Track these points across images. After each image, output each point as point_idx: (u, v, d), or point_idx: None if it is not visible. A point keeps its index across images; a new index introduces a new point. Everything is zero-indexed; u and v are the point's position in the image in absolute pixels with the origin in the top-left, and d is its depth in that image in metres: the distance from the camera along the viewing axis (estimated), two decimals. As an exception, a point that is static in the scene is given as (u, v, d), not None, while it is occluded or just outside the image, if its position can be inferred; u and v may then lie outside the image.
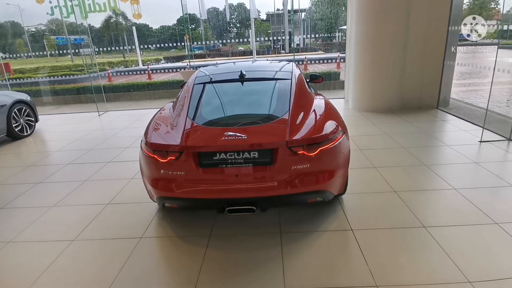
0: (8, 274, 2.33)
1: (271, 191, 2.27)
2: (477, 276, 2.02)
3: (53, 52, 30.37)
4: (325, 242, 2.46)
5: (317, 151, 2.28)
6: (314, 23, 36.21)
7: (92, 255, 2.48)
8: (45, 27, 44.26)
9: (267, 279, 2.11)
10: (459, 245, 2.32)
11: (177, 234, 2.67)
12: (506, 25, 4.83)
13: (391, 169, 3.67)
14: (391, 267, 2.14)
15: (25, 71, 18.33)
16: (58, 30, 41.24)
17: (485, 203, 2.84)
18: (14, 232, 2.85)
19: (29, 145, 5.68)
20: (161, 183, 2.38)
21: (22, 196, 3.57)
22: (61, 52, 30.05)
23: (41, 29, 43.81)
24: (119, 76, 18.32)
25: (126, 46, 34.52)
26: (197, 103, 2.70)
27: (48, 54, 27.53)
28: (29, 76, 14.61)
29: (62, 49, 27.99)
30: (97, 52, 18.29)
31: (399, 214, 2.76)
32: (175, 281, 2.17)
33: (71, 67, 21.45)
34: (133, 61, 26.00)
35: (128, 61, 26.32)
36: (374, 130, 5.15)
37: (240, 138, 2.21)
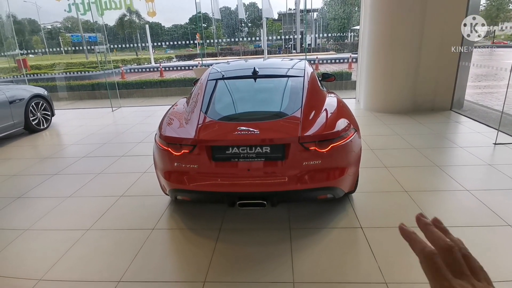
0: (25, 260, 2.42)
1: (282, 186, 2.29)
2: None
3: (68, 49, 31.07)
4: (334, 238, 2.47)
5: (329, 148, 2.29)
6: (326, 23, 36.00)
7: (106, 244, 2.55)
8: (60, 24, 45.28)
9: (276, 273, 2.13)
10: (470, 246, 2.28)
11: (188, 226, 2.72)
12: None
13: (402, 169, 3.65)
14: (400, 265, 2.14)
15: (41, 67, 18.79)
16: (74, 27, 42.14)
17: (499, 205, 2.80)
18: (31, 220, 2.95)
19: (45, 138, 5.83)
20: (174, 175, 2.43)
21: (39, 187, 3.68)
22: (76, 49, 30.68)
23: (56, 27, 44.82)
24: (132, 73, 18.59)
25: (139, 44, 35.01)
26: (211, 98, 2.74)
27: (63, 51, 28.19)
28: (45, 72, 15.00)
29: (76, 46, 28.57)
30: (110, 50, 18.51)
31: (409, 214, 2.74)
32: (186, 272, 2.21)
33: (85, 64, 21.89)
34: (145, 59, 26.35)
35: (140, 59, 26.69)
36: (385, 130, 5.11)
37: (252, 133, 2.24)
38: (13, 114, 5.55)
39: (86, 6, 7.26)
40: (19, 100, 5.70)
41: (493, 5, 38.30)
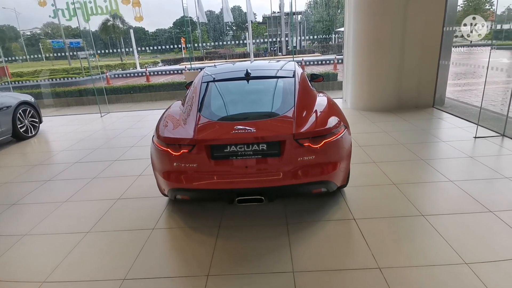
0: (26, 264, 2.43)
1: (279, 182, 2.40)
2: (473, 258, 2.16)
3: (49, 55, 30.58)
4: (329, 230, 2.59)
5: (322, 144, 2.42)
6: (310, 25, 36.55)
7: (108, 245, 2.59)
8: (40, 30, 44.33)
9: (276, 264, 2.23)
10: (456, 231, 2.46)
11: (188, 225, 2.79)
12: (499, 25, 5.01)
13: (389, 163, 3.82)
14: (392, 251, 2.28)
15: (23, 75, 18.39)
16: (54, 33, 41.34)
17: (480, 193, 2.99)
18: (28, 225, 2.95)
19: (34, 145, 5.76)
20: (173, 175, 2.50)
21: (33, 193, 3.67)
22: (57, 55, 30.05)
23: (36, 33, 43.84)
24: (118, 78, 18.40)
25: (123, 49, 34.63)
26: (207, 100, 2.83)
27: (44, 58, 27.71)
28: (27, 79, 14.71)
29: (57, 52, 28.05)
30: (92, 55, 18.40)
31: (398, 204, 2.90)
32: (190, 267, 2.28)
33: (69, 70, 21.53)
34: (130, 64, 26.10)
35: (125, 64, 26.42)
36: (372, 128, 5.30)
37: (249, 131, 2.35)
38: (1, 121, 5.47)
39: (72, 12, 7.21)
40: (6, 108, 5.62)
41: (470, 5, 39.71)
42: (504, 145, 4.23)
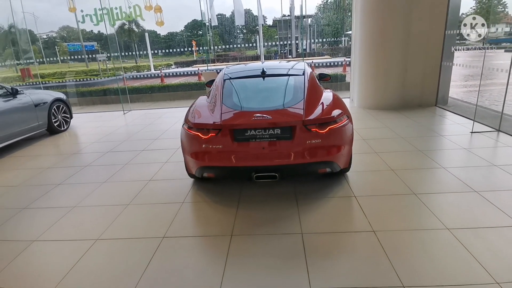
0: (75, 231, 2.95)
1: (290, 161, 2.86)
2: (456, 225, 2.58)
3: (65, 58, 31.80)
4: (333, 204, 3.04)
5: (327, 129, 2.88)
6: (320, 28, 36.92)
7: (146, 214, 3.09)
8: (56, 34, 45.97)
9: (287, 228, 2.69)
10: (442, 205, 2.89)
11: (212, 200, 3.28)
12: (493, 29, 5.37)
13: (390, 154, 4.24)
14: (385, 220, 2.71)
15: (44, 76, 19.35)
16: (69, 37, 42.88)
17: (468, 177, 3.40)
18: (78, 198, 3.49)
19: (68, 138, 6.37)
20: (202, 155, 2.99)
21: (76, 175, 4.22)
22: (72, 58, 31.14)
23: (52, 36, 45.50)
24: (133, 79, 19.16)
25: (137, 52, 35.71)
26: (229, 93, 3.32)
27: (60, 60, 28.82)
28: (48, 80, 15.59)
29: (73, 55, 29.16)
30: (108, 58, 19.14)
31: (394, 185, 3.33)
32: (216, 230, 2.76)
33: (87, 72, 22.49)
34: (145, 66, 27.01)
35: (140, 66, 27.34)
36: (376, 124, 5.72)
37: (266, 118, 2.83)
38: (39, 116, 6.09)
39: (99, 17, 7.85)
40: (43, 103, 6.24)
41: (483, 7, 39.38)
42: (499, 139, 4.59)
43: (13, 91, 5.78)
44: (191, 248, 2.54)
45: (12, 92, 5.76)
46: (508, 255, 2.20)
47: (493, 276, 2.01)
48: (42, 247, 2.68)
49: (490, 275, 2.02)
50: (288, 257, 2.33)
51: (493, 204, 2.84)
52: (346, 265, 2.22)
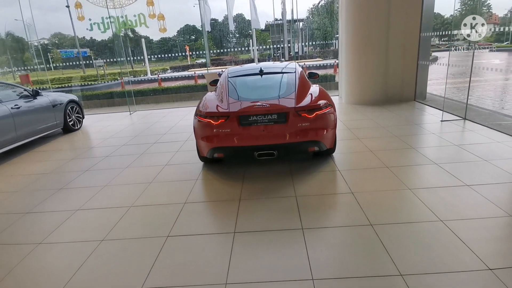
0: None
1: (285, 140, 3.56)
2: (415, 186, 3.29)
3: (58, 65, 32.19)
4: (320, 176, 3.74)
5: (314, 115, 3.58)
6: (312, 32, 37.93)
7: (168, 189, 3.75)
8: (48, 41, 46.36)
9: (283, 193, 3.38)
10: (409, 174, 3.61)
11: (221, 177, 3.96)
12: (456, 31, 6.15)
13: (370, 139, 4.96)
14: (362, 185, 3.42)
15: (43, 82, 19.86)
16: (61, 43, 43.35)
17: (431, 153, 4.13)
18: (107, 179, 4.13)
19: (82, 135, 6.99)
20: (213, 138, 3.67)
21: (100, 163, 4.85)
22: (66, 65, 31.45)
23: (44, 43, 45.87)
24: (134, 84, 19.73)
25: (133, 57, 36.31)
26: (233, 88, 4.01)
27: (52, 67, 29.25)
28: (49, 86, 16.19)
29: (66, 62, 29.61)
30: (99, 64, 19.71)
31: (371, 161, 4.05)
32: (227, 196, 3.43)
33: (85, 77, 23.04)
34: (142, 71, 27.62)
35: (137, 71, 27.95)
36: (361, 116, 6.46)
37: (265, 106, 3.52)
38: (56, 115, 6.71)
39: (106, 25, 8.51)
40: (59, 104, 6.86)
41: (468, 9, 40.65)
42: (465, 126, 5.35)
43: (33, 93, 6.39)
44: (208, 209, 3.22)
45: (32, 94, 6.37)
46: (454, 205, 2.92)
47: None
48: (85, 214, 3.33)
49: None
50: (286, 211, 3.01)
51: (449, 172, 3.57)
52: (330, 213, 2.92)
